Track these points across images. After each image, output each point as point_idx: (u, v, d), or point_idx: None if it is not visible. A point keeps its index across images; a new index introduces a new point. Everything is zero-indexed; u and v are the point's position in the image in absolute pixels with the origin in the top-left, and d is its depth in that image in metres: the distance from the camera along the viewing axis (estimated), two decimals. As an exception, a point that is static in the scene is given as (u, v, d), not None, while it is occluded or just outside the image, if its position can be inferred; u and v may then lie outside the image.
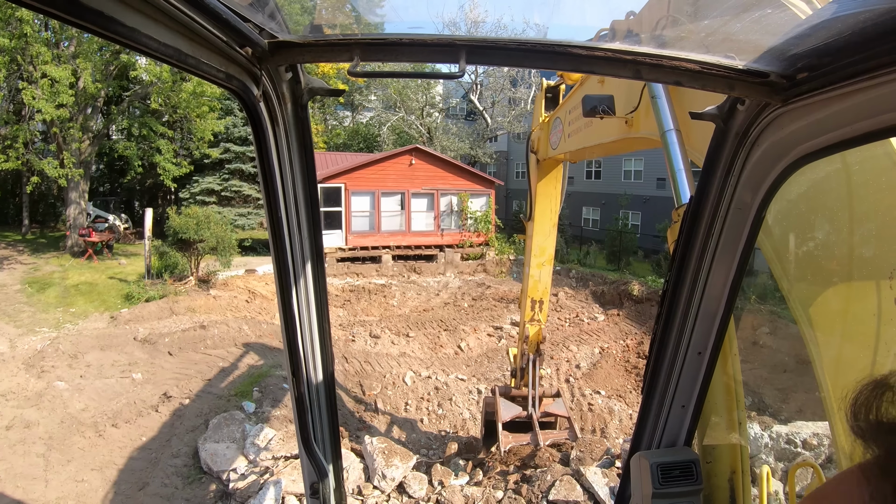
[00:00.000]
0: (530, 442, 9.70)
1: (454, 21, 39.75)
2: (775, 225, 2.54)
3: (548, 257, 9.96)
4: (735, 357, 2.83)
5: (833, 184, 2.37)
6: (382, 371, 15.92)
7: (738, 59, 1.63)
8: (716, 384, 2.77)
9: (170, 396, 13.45)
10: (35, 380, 14.04)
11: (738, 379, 2.86)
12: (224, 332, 17.83)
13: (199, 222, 22.76)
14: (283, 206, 2.02)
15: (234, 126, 34.23)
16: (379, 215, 31.61)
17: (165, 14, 1.24)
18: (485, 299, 24.75)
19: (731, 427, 2.89)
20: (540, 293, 10.07)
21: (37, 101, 24.28)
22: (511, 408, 10.27)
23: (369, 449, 10.33)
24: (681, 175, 3.31)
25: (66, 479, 10.56)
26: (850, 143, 1.56)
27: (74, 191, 28.18)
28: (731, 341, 2.73)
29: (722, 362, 2.72)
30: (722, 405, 2.88)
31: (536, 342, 10.13)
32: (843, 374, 2.30)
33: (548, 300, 10.29)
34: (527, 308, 10.12)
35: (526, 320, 10.16)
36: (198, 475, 10.70)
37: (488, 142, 47.25)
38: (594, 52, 1.65)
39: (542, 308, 10.12)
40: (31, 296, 21.83)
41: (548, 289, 10.18)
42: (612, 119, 5.07)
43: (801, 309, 2.46)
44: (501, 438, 9.69)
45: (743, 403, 2.89)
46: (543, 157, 8.98)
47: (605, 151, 7.18)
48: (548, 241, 9.85)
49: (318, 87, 1.90)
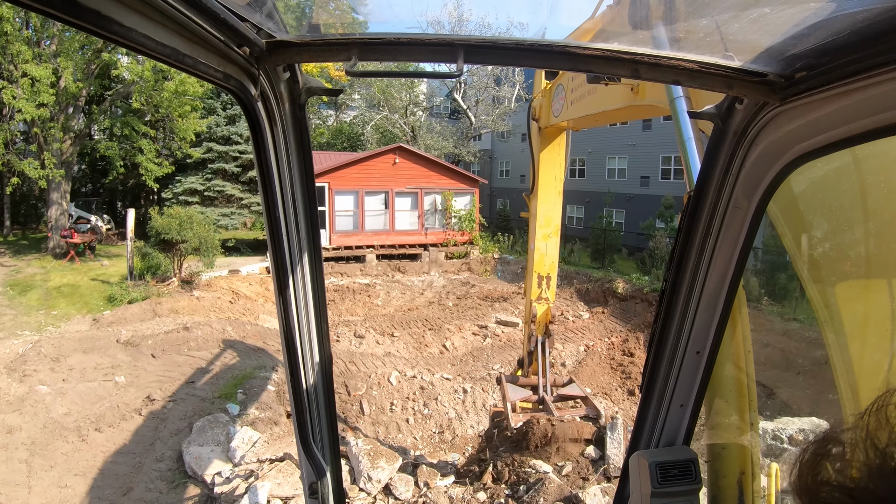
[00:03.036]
0: (544, 411, 9.00)
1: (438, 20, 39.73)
2: (802, 221, 2.51)
3: (554, 228, 9.44)
4: (749, 355, 2.79)
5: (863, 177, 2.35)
6: (367, 371, 15.87)
7: (737, 59, 1.63)
8: (728, 383, 2.76)
9: (153, 399, 13.33)
10: (17, 384, 13.85)
11: (751, 378, 2.82)
12: (208, 333, 17.68)
13: (181, 223, 22.60)
14: (281, 206, 2.00)
15: (217, 125, 34.04)
16: (363, 214, 31.55)
17: (163, 13, 1.23)
18: (469, 298, 24.79)
19: (742, 427, 2.86)
20: (547, 268, 9.46)
21: (17, 101, 24.00)
22: (519, 392, 9.52)
23: (354, 451, 10.27)
24: (690, 144, 3.23)
25: (50, 485, 10.43)
26: (849, 142, 1.56)
27: (56, 191, 27.88)
28: (746, 339, 2.72)
29: (736, 361, 2.71)
30: (734, 404, 2.84)
31: (545, 323, 9.46)
32: (863, 378, 2.28)
33: (555, 276, 9.65)
34: (533, 285, 9.50)
35: (532, 299, 9.52)
36: (182, 479, 10.61)
37: (472, 140, 47.35)
38: (592, 52, 1.64)
39: (549, 285, 9.49)
40: (13, 298, 21.57)
41: (555, 263, 9.57)
42: (617, 86, 4.97)
43: (823, 309, 2.45)
44: (511, 416, 8.92)
45: (756, 403, 2.85)
46: (545, 126, 8.68)
47: (610, 119, 6.95)
48: (553, 211, 9.37)
49: (317, 87, 1.88)
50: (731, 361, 2.70)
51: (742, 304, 2.69)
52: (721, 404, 2.86)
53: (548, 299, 9.50)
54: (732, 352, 2.75)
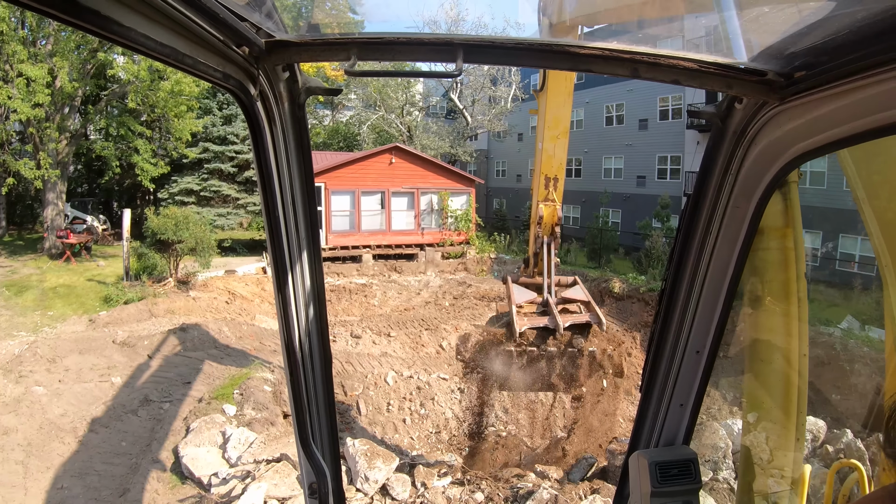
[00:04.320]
0: (548, 324, 8.99)
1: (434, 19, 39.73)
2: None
3: (563, 129, 9.32)
4: (804, 359, 2.70)
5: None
6: (364, 371, 15.87)
7: (736, 58, 1.63)
8: (776, 385, 2.70)
9: (150, 400, 13.30)
10: (13, 385, 13.80)
11: (804, 382, 2.73)
12: (204, 334, 17.66)
13: (177, 223, 22.54)
14: (280, 206, 2.00)
15: (213, 125, 33.94)
16: (359, 214, 31.51)
17: (162, 13, 1.23)
18: (466, 298, 24.76)
19: (788, 432, 2.79)
20: (555, 170, 9.46)
21: (12, 101, 23.87)
22: (525, 293, 9.60)
23: (351, 451, 10.26)
24: None
25: (46, 487, 10.40)
26: (848, 141, 1.57)
27: (52, 192, 27.75)
28: (802, 342, 2.66)
29: (790, 364, 2.66)
30: (781, 408, 2.77)
31: (551, 224, 9.53)
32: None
33: (563, 178, 9.65)
34: (540, 187, 9.52)
35: (539, 200, 9.55)
36: (179, 480, 10.59)
37: (468, 140, 47.28)
38: (592, 51, 1.65)
39: (556, 187, 9.51)
40: (9, 299, 21.48)
41: (563, 165, 9.57)
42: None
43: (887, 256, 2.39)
44: (516, 321, 8.98)
45: (805, 409, 2.76)
46: (557, 22, 8.32)
47: (623, 16, 6.37)
48: (563, 112, 9.23)
49: (316, 87, 1.88)
50: (784, 362, 2.60)
51: (802, 302, 2.63)
52: (767, 407, 2.81)
53: (555, 201, 9.51)
54: (785, 353, 2.69)
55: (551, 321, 8.80)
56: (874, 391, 11.83)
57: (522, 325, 8.85)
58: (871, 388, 12.62)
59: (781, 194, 2.55)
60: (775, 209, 2.53)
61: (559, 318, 8.69)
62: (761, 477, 2.90)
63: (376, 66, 2.41)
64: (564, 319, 8.79)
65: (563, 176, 9.53)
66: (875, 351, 14.56)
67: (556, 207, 9.46)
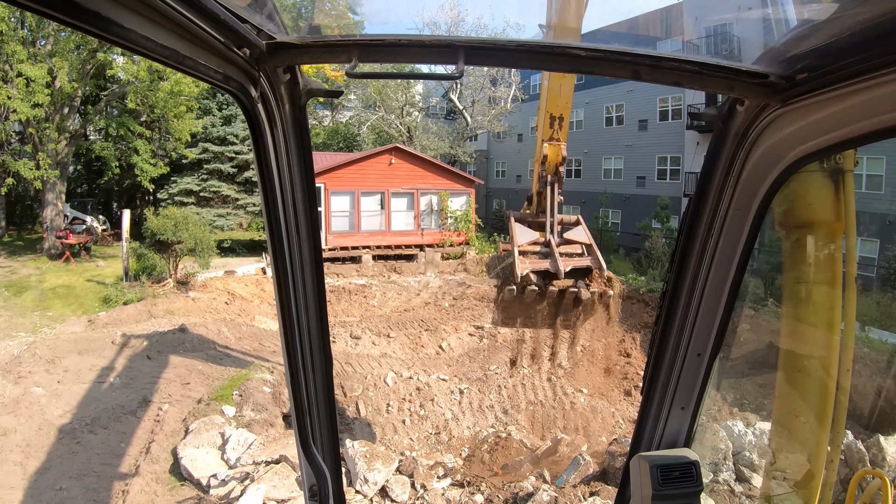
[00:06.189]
0: (549, 268, 8.89)
1: (434, 21, 39.75)
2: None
3: None
4: (847, 374, 2.57)
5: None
6: (363, 372, 15.86)
7: (738, 60, 1.63)
8: (813, 396, 2.57)
9: (149, 401, 13.28)
10: (12, 386, 13.78)
11: (844, 394, 2.59)
12: (203, 334, 17.64)
13: (177, 223, 22.54)
14: (281, 208, 1.99)
15: (213, 126, 33.92)
16: (359, 215, 31.50)
17: (163, 15, 1.23)
18: (465, 299, 24.74)
19: (820, 446, 2.66)
20: (560, 108, 9.22)
21: (12, 101, 23.87)
22: (527, 233, 9.49)
23: (350, 453, 10.25)
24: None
25: (45, 488, 10.38)
26: (850, 143, 1.56)
27: (51, 192, 27.74)
28: (847, 353, 2.54)
29: (830, 376, 2.56)
30: (817, 419, 2.64)
31: (555, 164, 9.36)
32: None
33: (568, 117, 9.44)
34: (545, 125, 9.32)
35: (544, 139, 9.36)
36: (178, 481, 10.57)
37: (468, 141, 47.28)
38: (594, 53, 1.64)
39: (561, 125, 9.28)
40: (8, 300, 21.47)
41: (569, 104, 9.34)
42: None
43: None
44: (518, 263, 8.89)
45: (843, 421, 2.63)
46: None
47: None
48: None
49: (317, 89, 1.88)
50: (824, 373, 2.48)
51: (850, 309, 2.48)
52: (808, 419, 2.69)
53: (559, 140, 9.35)
54: (827, 363, 2.55)
55: (552, 265, 8.77)
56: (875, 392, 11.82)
57: (524, 268, 8.79)
58: (871, 390, 12.59)
59: (833, 184, 2.40)
60: (824, 200, 2.40)
61: (560, 263, 8.67)
62: (782, 488, 2.83)
63: (377, 68, 2.40)
64: (565, 263, 8.77)
65: (569, 115, 9.37)
66: (876, 352, 14.54)
67: (560, 147, 9.32)
